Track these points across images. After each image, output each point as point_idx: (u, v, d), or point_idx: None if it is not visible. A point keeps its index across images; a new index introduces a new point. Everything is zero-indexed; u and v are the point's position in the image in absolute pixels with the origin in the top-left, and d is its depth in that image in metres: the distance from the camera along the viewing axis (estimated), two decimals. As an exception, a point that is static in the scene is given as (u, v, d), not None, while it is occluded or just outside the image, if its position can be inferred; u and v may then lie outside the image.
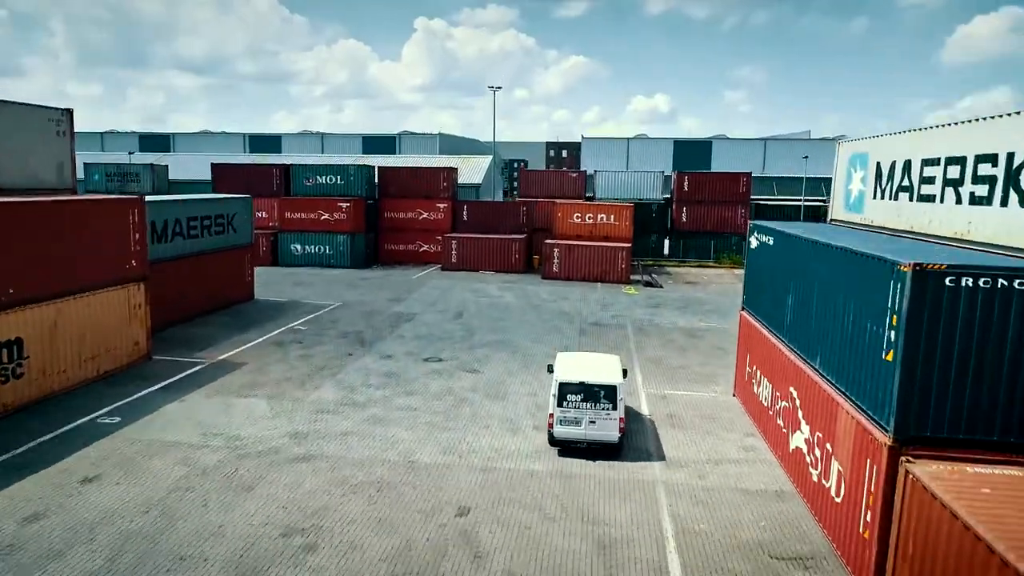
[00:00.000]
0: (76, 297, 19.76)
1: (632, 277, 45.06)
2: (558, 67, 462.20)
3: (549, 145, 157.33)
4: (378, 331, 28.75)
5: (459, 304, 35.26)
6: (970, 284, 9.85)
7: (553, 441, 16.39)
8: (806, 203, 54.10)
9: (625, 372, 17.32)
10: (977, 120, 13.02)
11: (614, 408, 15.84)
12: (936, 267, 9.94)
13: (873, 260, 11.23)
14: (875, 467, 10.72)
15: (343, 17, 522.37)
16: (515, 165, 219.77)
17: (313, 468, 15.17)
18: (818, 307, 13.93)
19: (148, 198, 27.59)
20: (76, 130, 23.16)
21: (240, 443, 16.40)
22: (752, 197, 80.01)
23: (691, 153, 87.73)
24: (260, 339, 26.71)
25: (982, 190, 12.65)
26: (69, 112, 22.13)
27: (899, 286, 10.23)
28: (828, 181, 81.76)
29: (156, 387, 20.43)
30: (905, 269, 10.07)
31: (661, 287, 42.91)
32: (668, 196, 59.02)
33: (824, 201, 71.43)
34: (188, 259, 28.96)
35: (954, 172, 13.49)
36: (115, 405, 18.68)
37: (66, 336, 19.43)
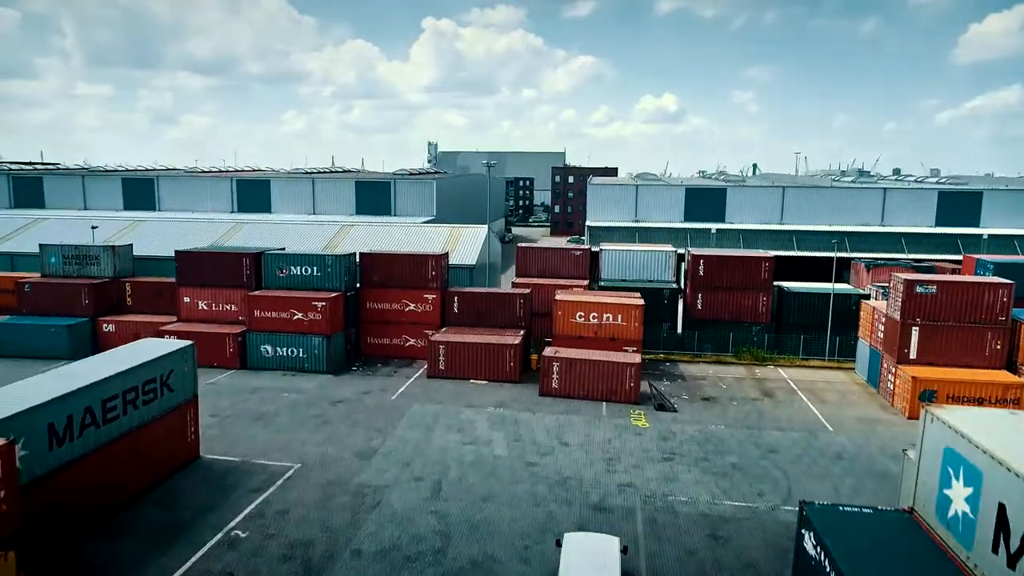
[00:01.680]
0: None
1: (642, 385, 39.66)
2: (566, 67, 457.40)
3: (555, 170, 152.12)
4: (333, 538, 23.61)
5: (439, 463, 30.04)
6: None
7: None
8: (836, 290, 48.60)
9: (626, 550, 19.75)
10: None
11: None
12: None
13: None
14: None
15: (351, 17, 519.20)
16: (521, 184, 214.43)
17: None
18: None
19: (43, 389, 22.56)
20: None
21: None
22: (775, 252, 74.92)
23: (704, 201, 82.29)
24: (184, 567, 21.65)
25: None
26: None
27: None
28: (852, 236, 76.29)
29: None
30: None
31: (675, 411, 37.61)
32: (680, 253, 53.97)
33: (854, 266, 65.81)
34: (105, 448, 23.92)
35: None
36: None
37: None
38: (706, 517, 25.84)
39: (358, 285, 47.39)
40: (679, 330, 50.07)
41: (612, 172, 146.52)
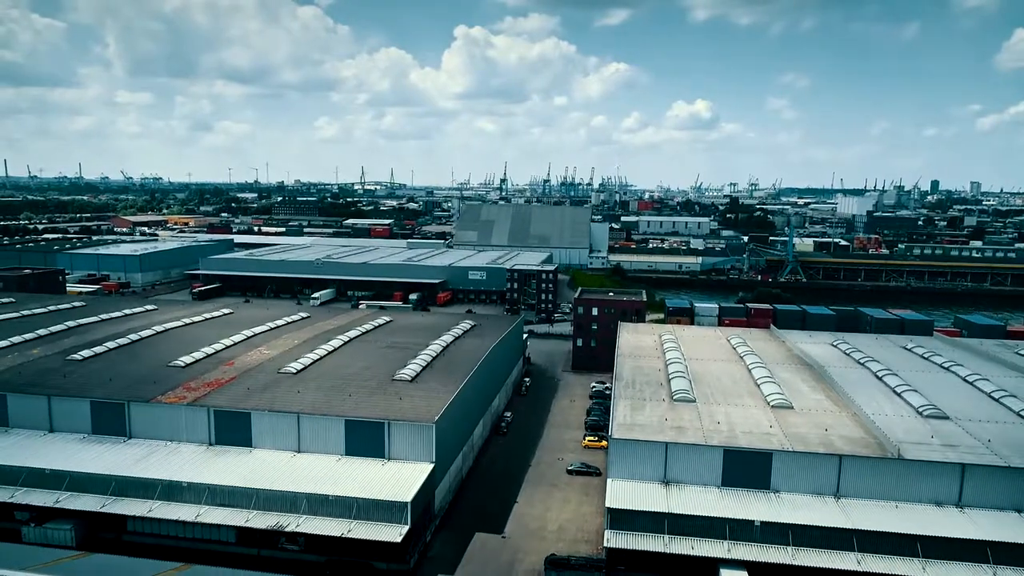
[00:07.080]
0: None
1: None
2: (598, 74, 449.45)
3: (577, 302, 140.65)
4: None
5: None
6: None
7: None
8: None
9: None
10: None
11: None
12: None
13: None
14: None
15: (385, 25, 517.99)
16: (545, 277, 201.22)
17: None
18: None
19: None
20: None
21: None
22: (831, 564, 62.24)
23: (745, 466, 70.46)
24: None
25: None
26: None
27: None
28: (927, 542, 63.29)
29: None
30: None
31: None
32: None
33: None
34: None
35: None
36: None
37: None
38: None
39: None
40: None
41: (637, 309, 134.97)
